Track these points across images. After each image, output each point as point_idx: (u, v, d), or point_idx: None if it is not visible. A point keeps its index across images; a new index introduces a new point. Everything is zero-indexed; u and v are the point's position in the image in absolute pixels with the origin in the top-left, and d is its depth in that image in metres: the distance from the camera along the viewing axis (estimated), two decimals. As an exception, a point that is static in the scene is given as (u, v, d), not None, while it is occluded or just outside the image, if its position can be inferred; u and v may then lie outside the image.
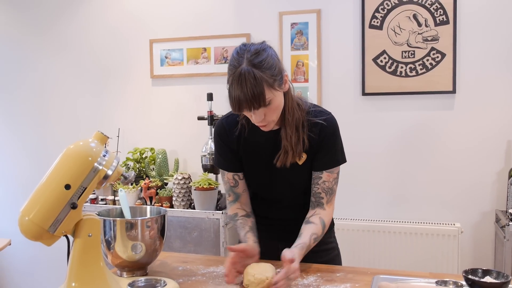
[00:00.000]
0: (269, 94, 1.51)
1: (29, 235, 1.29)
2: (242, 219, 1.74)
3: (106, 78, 3.64)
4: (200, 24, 3.38)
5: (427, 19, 2.92)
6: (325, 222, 1.69)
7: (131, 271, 1.59)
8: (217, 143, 1.79)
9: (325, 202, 1.71)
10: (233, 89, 1.49)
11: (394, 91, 3.01)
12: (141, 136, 3.55)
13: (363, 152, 3.08)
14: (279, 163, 1.66)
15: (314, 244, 1.64)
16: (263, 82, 1.48)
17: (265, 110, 1.53)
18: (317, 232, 1.65)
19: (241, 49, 1.54)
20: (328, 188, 1.70)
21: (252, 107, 1.49)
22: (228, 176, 1.79)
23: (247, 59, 1.50)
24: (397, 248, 2.91)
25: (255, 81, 1.47)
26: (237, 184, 1.78)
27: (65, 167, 1.32)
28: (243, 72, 1.47)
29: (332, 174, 1.70)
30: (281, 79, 1.56)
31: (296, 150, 1.64)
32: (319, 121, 1.66)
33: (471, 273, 1.38)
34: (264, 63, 1.50)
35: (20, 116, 3.87)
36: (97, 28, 3.63)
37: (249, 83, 1.47)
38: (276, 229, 1.80)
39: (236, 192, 1.79)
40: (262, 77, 1.48)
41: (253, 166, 1.76)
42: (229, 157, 1.76)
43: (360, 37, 3.06)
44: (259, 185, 1.80)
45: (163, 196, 3.11)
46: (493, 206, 2.92)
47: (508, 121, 2.87)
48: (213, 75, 3.34)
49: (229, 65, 1.54)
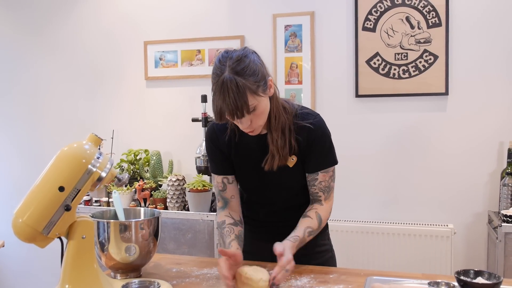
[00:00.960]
0: (253, 101, 1.50)
1: (23, 237, 1.29)
2: (228, 227, 1.73)
3: (100, 79, 3.63)
4: (195, 26, 3.38)
5: (420, 21, 2.93)
6: (322, 217, 1.70)
7: (124, 273, 1.60)
8: (208, 147, 1.79)
9: (323, 199, 1.72)
10: (216, 98, 1.49)
11: (387, 93, 3.02)
12: (135, 137, 3.55)
13: (357, 154, 3.09)
14: (267, 167, 1.66)
15: (309, 238, 1.65)
16: (246, 90, 1.48)
17: (250, 116, 1.53)
18: (312, 226, 1.66)
19: (223, 57, 1.53)
20: (325, 187, 1.71)
21: (235, 116, 1.49)
22: (217, 179, 1.79)
23: (229, 67, 1.49)
24: (390, 249, 2.92)
25: (237, 89, 1.46)
26: (225, 188, 1.78)
27: (59, 169, 1.32)
28: (225, 81, 1.47)
29: (328, 173, 1.71)
30: (265, 84, 1.55)
31: (283, 154, 1.65)
32: (306, 124, 1.66)
33: (463, 274, 1.39)
34: (247, 69, 1.49)
35: (13, 117, 3.86)
36: (91, 30, 3.63)
37: (231, 92, 1.46)
38: (270, 230, 1.80)
39: (224, 197, 1.78)
40: (245, 85, 1.48)
41: (245, 170, 1.76)
42: (219, 159, 1.77)
43: (353, 39, 3.07)
44: (251, 188, 1.80)
45: (157, 198, 3.11)
46: (486, 207, 2.93)
47: (500, 122, 2.89)
48: (207, 77, 3.34)
49: (212, 74, 1.53)
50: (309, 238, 1.65)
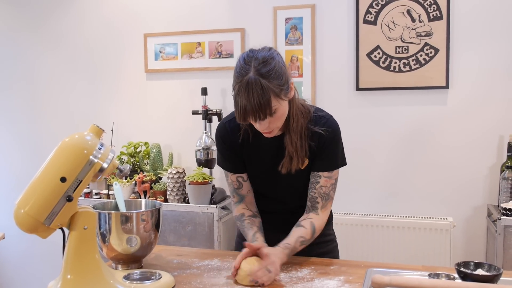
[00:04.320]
0: (276, 104, 1.49)
1: (25, 228, 1.30)
2: (249, 219, 1.74)
3: (100, 72, 3.63)
4: (195, 18, 3.37)
5: (421, 14, 2.93)
6: (316, 227, 1.68)
7: (126, 264, 1.60)
8: (220, 145, 1.77)
9: (319, 207, 1.70)
10: (239, 98, 1.47)
11: (387, 87, 3.02)
12: (135, 130, 3.55)
13: (357, 147, 3.10)
14: (284, 170, 1.66)
15: (300, 247, 1.64)
16: (270, 92, 1.46)
17: (270, 119, 1.51)
18: (305, 235, 1.65)
19: (248, 56, 1.51)
20: (325, 193, 1.70)
21: (258, 117, 1.48)
22: (232, 178, 1.78)
23: (255, 68, 1.47)
24: (390, 242, 2.93)
25: (262, 91, 1.45)
26: (241, 186, 1.78)
27: (61, 160, 1.32)
28: (250, 81, 1.45)
29: (330, 180, 1.70)
30: (288, 88, 1.54)
31: (300, 156, 1.64)
32: (318, 130, 1.65)
33: (463, 266, 1.39)
34: (272, 72, 1.48)
35: (14, 110, 3.85)
36: (91, 23, 3.61)
37: (256, 93, 1.44)
38: (278, 222, 1.80)
39: (240, 194, 1.79)
40: (269, 87, 1.46)
41: (256, 171, 1.76)
42: (232, 159, 1.76)
43: (354, 32, 3.07)
44: (262, 188, 1.80)
45: (157, 191, 3.11)
46: (485, 200, 2.94)
47: (500, 116, 2.89)
48: (207, 70, 3.34)
49: (236, 73, 1.51)
50: (300, 248, 1.64)
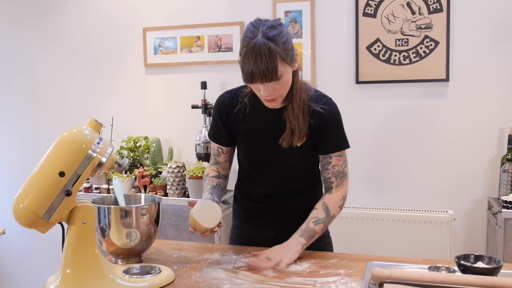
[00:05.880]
0: (282, 68, 1.53)
1: (24, 223, 1.29)
2: (209, 179, 1.82)
3: (100, 66, 3.62)
4: (194, 12, 3.36)
5: (421, 7, 2.91)
6: (329, 206, 1.71)
7: (126, 258, 1.60)
8: (214, 114, 1.83)
9: (334, 186, 1.74)
10: (246, 60, 1.51)
11: (387, 79, 3.01)
12: (134, 125, 3.54)
13: (357, 140, 3.08)
14: (284, 143, 1.68)
15: (318, 227, 1.67)
16: (277, 55, 1.50)
17: (274, 84, 1.55)
18: (317, 215, 1.69)
19: (256, 23, 1.57)
20: (339, 172, 1.72)
21: (264, 79, 1.51)
22: (213, 145, 1.86)
23: (262, 32, 1.52)
24: (390, 236, 2.93)
25: (269, 53, 1.49)
26: (219, 154, 1.85)
27: (59, 154, 1.32)
28: (257, 44, 1.49)
29: (341, 157, 1.73)
30: (293, 56, 1.59)
31: (301, 130, 1.66)
32: (318, 108, 1.68)
33: (463, 258, 1.39)
34: (279, 37, 1.52)
35: (14, 105, 3.85)
36: (91, 17, 3.60)
37: (263, 56, 1.49)
38: (268, 217, 1.82)
39: (217, 160, 1.87)
40: (277, 50, 1.50)
41: (250, 144, 1.77)
42: (220, 128, 1.81)
43: (353, 25, 3.05)
44: (254, 163, 1.81)
45: (157, 185, 3.11)
46: (486, 193, 2.94)
47: (500, 108, 2.89)
48: (207, 64, 3.33)
49: (243, 37, 1.55)
50: (318, 227, 1.67)
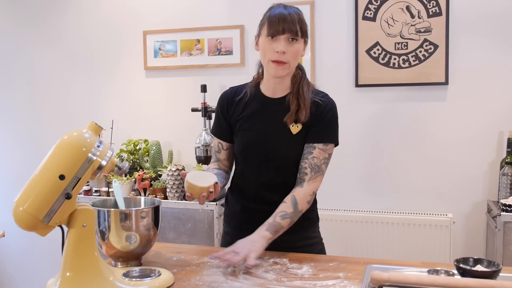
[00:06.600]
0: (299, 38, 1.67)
1: (24, 225, 1.29)
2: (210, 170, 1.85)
3: (100, 70, 3.62)
4: (194, 15, 3.37)
5: (420, 10, 2.92)
6: (297, 199, 1.69)
7: (125, 261, 1.60)
8: (216, 107, 1.91)
9: (307, 179, 1.71)
10: (275, 9, 1.68)
11: (387, 83, 3.02)
12: (134, 127, 3.55)
13: (356, 143, 3.10)
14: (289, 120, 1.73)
15: (284, 221, 1.66)
16: (302, 18, 1.69)
17: (290, 45, 1.66)
18: (285, 209, 1.68)
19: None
20: (315, 165, 1.71)
21: (290, 28, 1.64)
22: (214, 141, 1.92)
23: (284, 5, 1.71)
24: (389, 239, 2.93)
25: (298, 11, 1.69)
26: (220, 151, 1.89)
27: (59, 157, 1.32)
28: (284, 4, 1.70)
29: (323, 153, 1.72)
30: (307, 38, 1.73)
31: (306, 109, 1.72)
32: (316, 99, 1.75)
33: (462, 262, 1.39)
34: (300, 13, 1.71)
35: (14, 108, 3.85)
36: (91, 20, 3.61)
37: (292, 9, 1.68)
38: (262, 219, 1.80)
39: (217, 157, 1.91)
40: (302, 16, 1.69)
41: (247, 131, 1.80)
42: (221, 122, 1.88)
43: (353, 29, 3.06)
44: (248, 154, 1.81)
45: (157, 188, 3.11)
46: (485, 196, 2.94)
47: (500, 112, 2.89)
48: (207, 67, 3.34)
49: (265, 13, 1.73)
50: (284, 222, 1.65)
